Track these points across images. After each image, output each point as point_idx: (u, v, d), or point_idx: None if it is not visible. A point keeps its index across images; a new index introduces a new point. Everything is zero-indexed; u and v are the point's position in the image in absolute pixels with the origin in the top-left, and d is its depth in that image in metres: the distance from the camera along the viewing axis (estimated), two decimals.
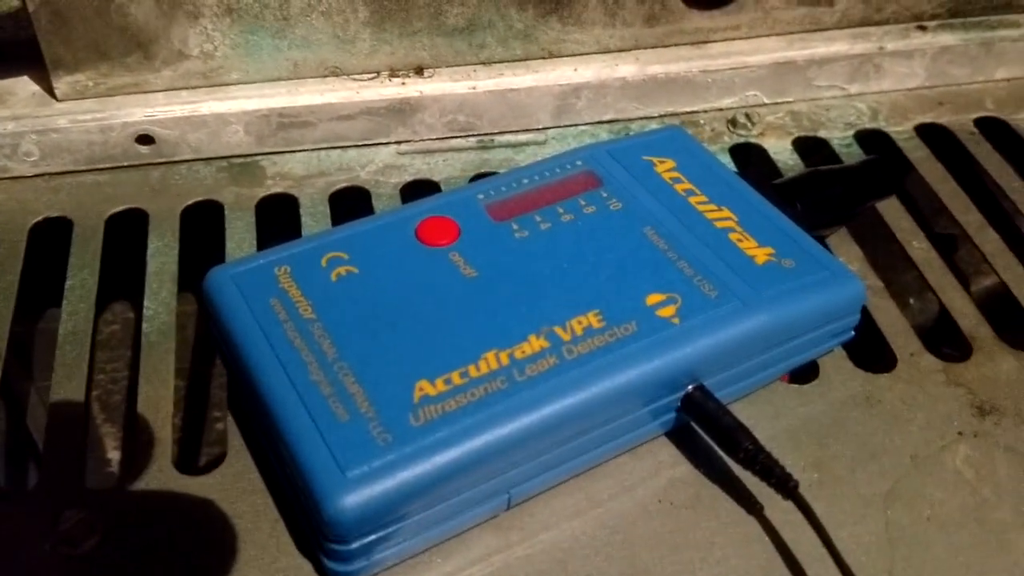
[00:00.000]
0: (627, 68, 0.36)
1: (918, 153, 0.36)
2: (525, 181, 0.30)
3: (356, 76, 0.35)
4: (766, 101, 0.37)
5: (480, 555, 0.24)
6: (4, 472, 0.41)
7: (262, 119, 0.34)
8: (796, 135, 0.36)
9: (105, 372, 0.44)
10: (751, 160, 0.36)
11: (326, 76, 0.35)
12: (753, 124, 0.36)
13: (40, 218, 0.33)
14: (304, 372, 0.24)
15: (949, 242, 0.34)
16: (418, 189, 0.34)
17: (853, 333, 0.28)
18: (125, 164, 0.34)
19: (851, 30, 0.38)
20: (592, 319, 0.25)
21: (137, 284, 0.31)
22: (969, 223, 0.33)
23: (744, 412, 0.25)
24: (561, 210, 0.29)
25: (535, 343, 0.25)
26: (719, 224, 0.28)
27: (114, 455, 0.46)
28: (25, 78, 0.34)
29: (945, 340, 0.30)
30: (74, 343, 0.29)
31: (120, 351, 0.44)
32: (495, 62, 0.36)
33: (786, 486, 0.24)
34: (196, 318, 0.39)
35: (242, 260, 0.27)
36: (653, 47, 0.37)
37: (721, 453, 0.25)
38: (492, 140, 0.36)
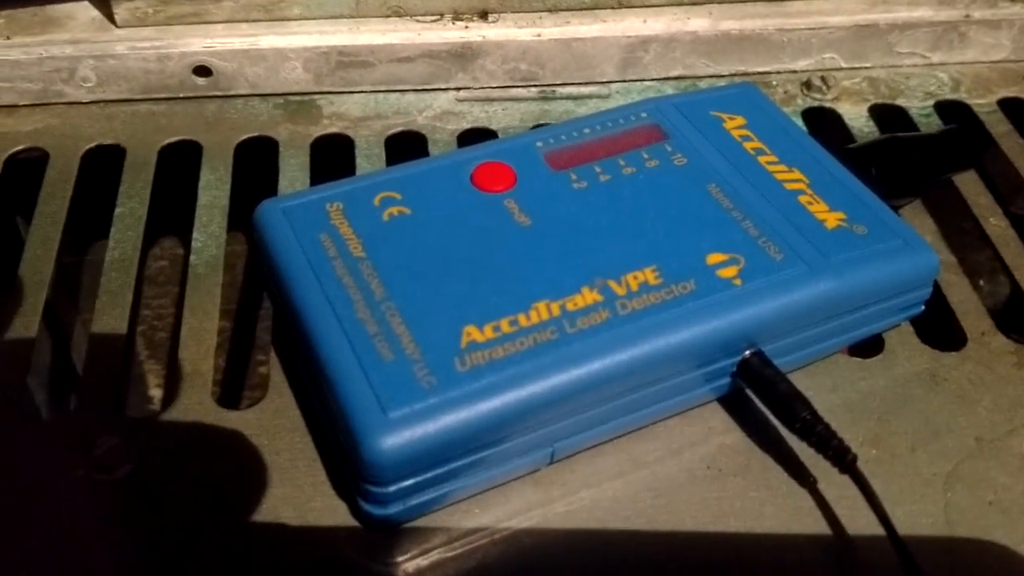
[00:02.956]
0: (699, 22, 0.35)
1: (1000, 128, 0.34)
2: (586, 131, 0.29)
3: (419, 17, 0.34)
4: (843, 65, 0.36)
5: (519, 508, 0.23)
6: (47, 403, 0.41)
7: (321, 56, 0.34)
8: (873, 102, 0.35)
9: (151, 308, 0.44)
10: (824, 125, 0.35)
11: (388, 16, 0.34)
12: (828, 88, 0.35)
13: (93, 144, 0.32)
14: (351, 309, 0.23)
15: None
16: (475, 137, 0.33)
17: (923, 308, 0.27)
18: (181, 95, 0.34)
19: None
20: (649, 275, 0.24)
21: (187, 219, 0.31)
22: None
23: (801, 383, 0.24)
24: (622, 162, 0.28)
25: (588, 296, 0.24)
26: (789, 186, 0.27)
27: (156, 392, 0.46)
28: (85, 3, 0.34)
29: (1017, 323, 0.29)
30: (120, 270, 0.28)
31: (167, 287, 0.44)
32: (562, 9, 0.35)
33: (843, 460, 0.23)
34: (245, 258, 0.39)
35: (294, 194, 0.27)
36: (728, 1, 0.35)
37: (775, 422, 0.24)
38: (554, 91, 0.35)
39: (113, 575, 0.22)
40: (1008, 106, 0.35)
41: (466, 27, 0.34)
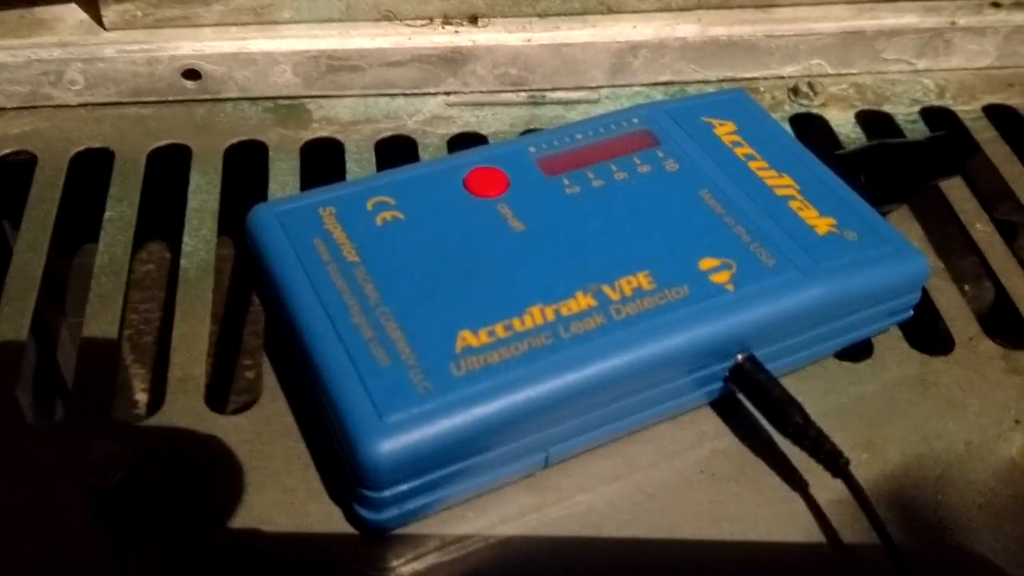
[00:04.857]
0: (688, 28, 0.35)
1: (985, 134, 0.34)
2: (579, 136, 0.29)
3: (409, 21, 0.34)
4: (830, 71, 0.36)
5: (514, 513, 0.23)
6: (33, 408, 0.41)
7: (311, 60, 0.33)
8: (860, 108, 0.35)
9: (137, 312, 0.44)
10: (812, 131, 0.35)
11: (378, 20, 0.34)
12: (816, 94, 0.35)
13: (82, 148, 0.32)
14: (346, 315, 0.23)
15: (1011, 228, 0.33)
16: (465, 142, 0.33)
17: (911, 312, 0.27)
18: (170, 99, 0.34)
19: (923, 2, 0.36)
20: (642, 280, 0.24)
21: (175, 223, 0.30)
22: None
23: (793, 387, 0.24)
24: (615, 168, 0.28)
25: (582, 300, 0.24)
26: (779, 191, 0.27)
27: (142, 397, 0.46)
28: (73, 5, 0.34)
29: (1002, 328, 0.29)
30: (110, 274, 0.28)
31: (154, 291, 0.44)
32: (552, 14, 0.35)
33: (836, 463, 0.23)
34: (231, 262, 0.39)
35: (287, 199, 0.27)
36: (717, 8, 0.35)
37: (768, 427, 0.24)
38: (544, 96, 0.35)
39: None
40: (993, 112, 0.35)
41: (456, 32, 0.34)
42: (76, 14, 0.33)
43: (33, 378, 0.41)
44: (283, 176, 0.32)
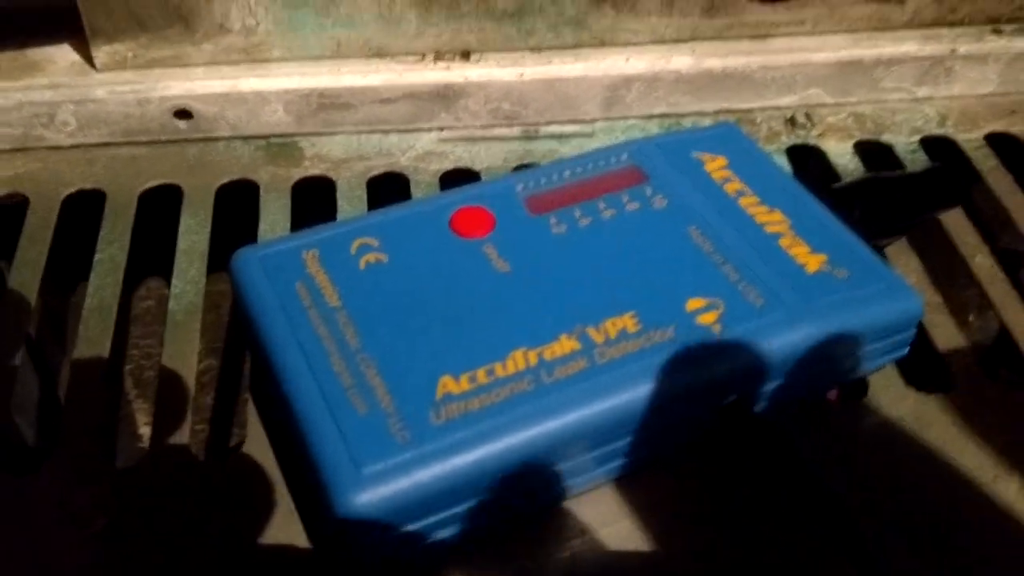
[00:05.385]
0: (682, 60, 0.34)
1: (988, 163, 0.34)
2: (567, 173, 0.29)
3: (400, 58, 0.34)
4: (828, 101, 0.36)
5: (498, 564, 0.23)
6: (36, 441, 0.41)
7: (302, 99, 0.33)
8: (858, 138, 0.35)
9: (138, 347, 0.44)
10: (810, 163, 0.34)
11: (370, 57, 0.34)
12: (813, 125, 0.35)
13: (74, 189, 0.32)
14: (325, 361, 0.23)
15: (1015, 258, 0.32)
16: (458, 177, 0.33)
17: (907, 350, 0.27)
18: (162, 139, 0.34)
19: (922, 30, 0.36)
20: (628, 321, 0.24)
21: (171, 260, 0.30)
22: None
23: (786, 427, 0.24)
24: (602, 205, 0.28)
25: (566, 344, 0.23)
26: (770, 228, 0.27)
27: (145, 431, 0.45)
28: (65, 46, 0.34)
29: (1005, 362, 0.28)
30: (99, 318, 0.28)
31: (153, 327, 0.44)
32: (544, 49, 0.35)
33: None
34: (230, 297, 0.38)
35: (271, 242, 0.27)
36: (711, 39, 0.35)
37: (761, 467, 0.24)
38: (537, 130, 0.35)
39: None
40: (995, 140, 0.35)
41: (448, 67, 0.34)
42: (68, 55, 0.34)
43: (37, 411, 0.41)
44: (274, 215, 0.31)
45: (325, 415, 0.22)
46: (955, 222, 0.31)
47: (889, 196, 0.29)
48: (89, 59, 0.33)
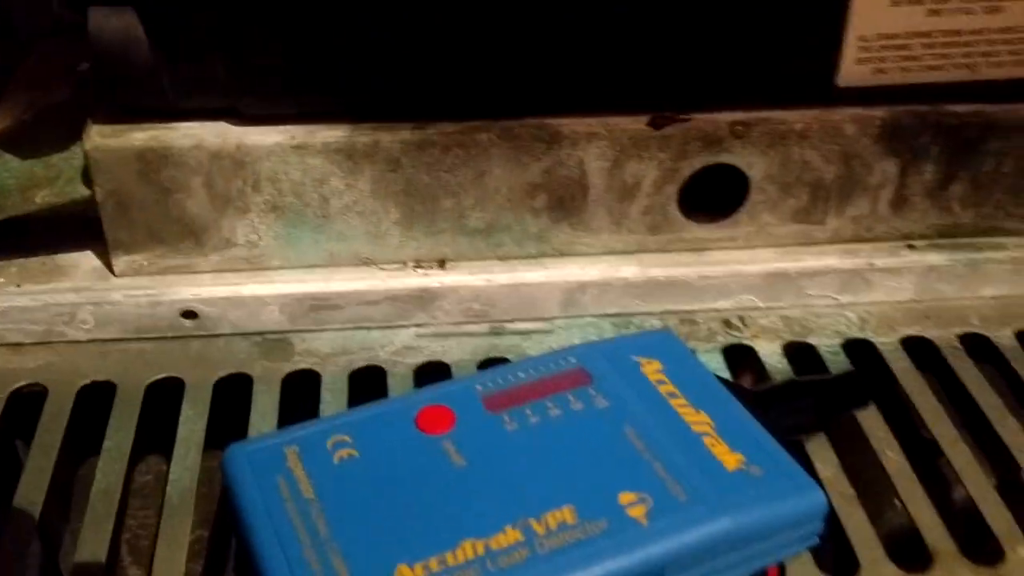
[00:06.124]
0: (630, 269, 0.39)
1: (901, 364, 0.38)
2: (521, 375, 0.33)
3: (384, 265, 0.39)
4: (760, 305, 0.40)
5: None
6: None
7: (296, 301, 0.38)
8: (787, 339, 0.39)
9: (136, 518, 0.47)
10: (743, 361, 0.39)
11: (358, 265, 0.39)
12: (746, 326, 0.39)
13: (88, 381, 0.36)
14: (299, 549, 0.26)
15: (929, 451, 0.36)
16: (431, 370, 0.37)
17: (817, 539, 0.30)
18: (169, 335, 0.38)
19: (842, 245, 0.40)
20: (567, 514, 0.27)
21: (171, 442, 0.34)
22: (943, 436, 0.35)
23: None
24: (550, 405, 0.31)
25: (511, 534, 0.27)
26: (696, 428, 0.31)
27: None
28: (88, 253, 0.39)
29: (912, 552, 0.31)
30: (104, 501, 0.32)
31: (152, 499, 0.47)
32: (511, 258, 0.40)
33: None
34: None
35: (259, 438, 0.30)
36: (655, 252, 0.40)
37: None
38: (503, 327, 0.40)
39: None
40: (909, 343, 0.39)
41: (426, 274, 0.39)
42: (90, 261, 0.38)
43: None
44: (264, 406, 0.35)
45: None
46: (869, 419, 0.35)
47: (802, 399, 0.33)
48: (109, 266, 0.38)
